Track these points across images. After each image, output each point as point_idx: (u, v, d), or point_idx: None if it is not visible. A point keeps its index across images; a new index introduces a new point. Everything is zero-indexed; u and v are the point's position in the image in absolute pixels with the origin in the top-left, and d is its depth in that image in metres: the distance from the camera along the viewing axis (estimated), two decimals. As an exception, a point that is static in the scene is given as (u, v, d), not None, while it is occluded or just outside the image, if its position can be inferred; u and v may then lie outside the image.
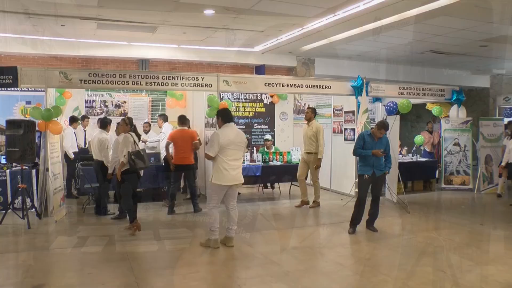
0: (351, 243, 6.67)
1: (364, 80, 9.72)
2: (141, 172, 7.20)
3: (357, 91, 9.82)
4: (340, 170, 10.53)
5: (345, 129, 10.44)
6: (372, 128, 7.27)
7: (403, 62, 14.41)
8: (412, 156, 11.32)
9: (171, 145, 8.58)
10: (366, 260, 5.85)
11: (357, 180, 9.35)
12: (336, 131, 10.81)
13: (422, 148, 12.11)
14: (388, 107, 10.34)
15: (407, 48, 12.09)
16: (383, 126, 6.99)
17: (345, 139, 10.40)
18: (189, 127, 9.01)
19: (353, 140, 9.62)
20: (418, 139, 11.83)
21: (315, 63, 14.34)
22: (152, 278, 5.06)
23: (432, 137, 12.17)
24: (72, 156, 9.42)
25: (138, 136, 7.36)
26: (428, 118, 13.78)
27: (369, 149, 6.86)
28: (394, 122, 9.30)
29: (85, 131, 10.16)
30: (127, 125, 7.20)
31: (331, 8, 8.88)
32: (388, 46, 11.99)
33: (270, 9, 8.97)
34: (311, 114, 9.08)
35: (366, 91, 9.70)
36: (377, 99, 11.44)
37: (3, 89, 9.13)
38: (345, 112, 10.48)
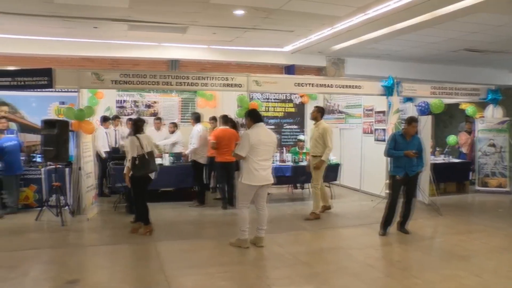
0: (381, 244, 6.58)
1: (395, 80, 9.57)
2: (152, 175, 7.02)
3: (388, 91, 9.69)
4: (370, 171, 10.40)
5: (376, 129, 10.30)
6: (403, 128, 7.13)
7: (436, 61, 14.12)
8: (445, 157, 11.07)
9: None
10: (397, 262, 5.78)
11: (388, 181, 9.26)
12: (367, 132, 10.68)
13: (459, 149, 11.77)
14: (420, 107, 10.17)
15: (440, 46, 11.85)
16: (413, 119, 6.90)
17: (376, 140, 10.26)
18: (231, 127, 9.06)
19: (384, 140, 9.51)
20: (451, 139, 11.55)
21: (345, 63, 14.21)
22: (182, 276, 5.10)
23: (471, 137, 11.74)
24: (103, 155, 9.60)
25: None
26: (461, 118, 13.44)
27: (401, 150, 6.74)
28: (426, 123, 9.12)
29: (116, 130, 10.34)
30: (135, 126, 7.13)
31: (361, 7, 8.78)
32: (420, 44, 11.77)
33: (300, 8, 8.93)
34: (316, 113, 8.31)
35: (398, 91, 9.55)
36: (408, 99, 11.26)
37: (38, 90, 9.34)
38: (376, 112, 10.34)
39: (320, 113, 8.36)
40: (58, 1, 8.55)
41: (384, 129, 9.87)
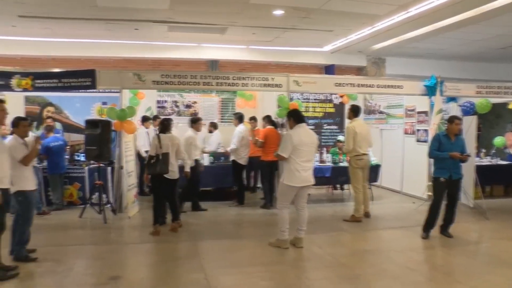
0: (423, 248, 6.41)
1: (438, 79, 9.32)
2: (170, 175, 7.00)
3: (430, 90, 9.42)
4: (412, 172, 10.16)
5: (418, 130, 10.07)
6: (446, 128, 6.90)
7: (481, 59, 13.67)
8: (491, 158, 10.68)
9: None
10: (440, 267, 5.63)
11: (430, 183, 9.02)
12: (408, 132, 10.45)
13: (507, 151, 11.31)
14: (465, 107, 9.84)
15: (486, 44, 11.46)
16: (455, 116, 6.76)
17: (418, 140, 10.03)
18: (276, 127, 9.13)
19: (426, 141, 9.30)
20: (498, 140, 11.12)
21: (386, 62, 14.00)
22: (222, 275, 5.12)
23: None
24: (144, 154, 9.76)
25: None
26: (509, 118, 12.93)
27: (445, 151, 6.54)
28: (471, 123, 8.84)
29: (155, 130, 10.47)
30: (161, 125, 7.24)
31: (403, 5, 8.62)
32: (465, 42, 11.44)
33: (340, 8, 8.86)
34: (349, 112, 8.33)
35: (441, 91, 9.29)
36: (451, 99, 10.92)
37: (82, 91, 9.60)
38: (418, 112, 10.10)
39: (352, 112, 8.27)
40: (101, 5, 8.79)
41: (426, 130, 9.63)
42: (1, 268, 4.93)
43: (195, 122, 8.48)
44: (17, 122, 5.59)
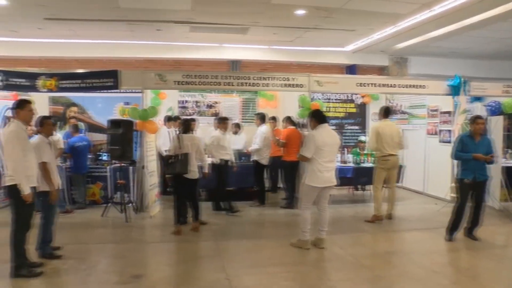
0: (448, 250, 6.31)
1: (463, 79, 9.16)
2: (190, 175, 7.01)
3: (454, 90, 9.28)
4: (435, 173, 10.01)
5: (441, 130, 9.91)
6: (470, 129, 6.76)
7: (508, 57, 13.35)
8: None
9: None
10: (465, 270, 5.52)
11: (453, 184, 8.87)
12: (431, 133, 10.30)
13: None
14: (490, 107, 9.65)
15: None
16: (478, 116, 6.66)
17: (441, 141, 9.87)
18: (297, 127, 9.11)
19: (450, 142, 9.14)
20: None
21: (408, 62, 13.83)
22: (243, 275, 5.13)
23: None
24: (164, 153, 9.78)
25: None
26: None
27: (469, 152, 6.41)
28: (496, 123, 8.66)
29: (176, 131, 10.52)
30: (183, 126, 7.28)
31: (426, 3, 8.49)
32: (491, 40, 11.19)
33: (362, 7, 8.77)
34: (379, 113, 8.50)
35: (465, 90, 9.13)
36: (476, 99, 10.71)
37: (104, 91, 9.72)
38: (441, 112, 9.94)
39: (380, 113, 8.37)
40: (124, 6, 8.88)
41: (450, 130, 9.48)
42: (28, 265, 5.02)
43: (222, 121, 8.42)
44: (42, 121, 5.69)
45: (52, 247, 5.74)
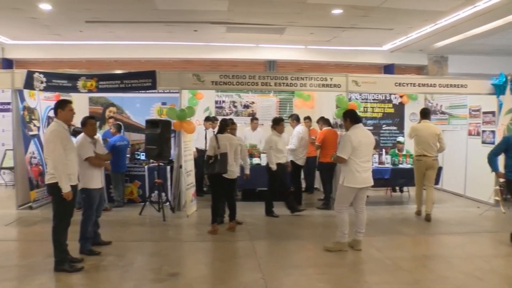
0: (492, 256, 6.03)
1: (509, 78, 8.84)
2: (228, 175, 7.01)
3: (498, 89, 8.97)
4: (476, 175, 9.66)
5: (483, 131, 9.59)
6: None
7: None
8: None
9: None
10: None
11: (497, 187, 8.60)
12: (473, 134, 9.99)
13: None
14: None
15: None
16: None
17: (483, 142, 9.56)
18: (333, 127, 9.09)
19: (493, 143, 8.83)
20: None
21: (448, 61, 13.50)
22: (279, 276, 5.11)
23: None
24: (193, 149, 9.76)
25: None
26: None
27: None
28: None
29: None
30: (219, 126, 7.29)
31: (469, -1, 8.26)
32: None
33: (400, 5, 8.64)
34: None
35: (511, 89, 8.81)
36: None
37: (142, 91, 9.88)
38: (484, 113, 9.63)
39: (420, 114, 8.47)
40: (162, 8, 9.02)
41: (493, 131, 9.17)
42: (69, 260, 5.17)
43: (277, 123, 8.19)
44: (85, 121, 5.93)
45: (103, 242, 6.05)
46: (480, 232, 6.90)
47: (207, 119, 10.12)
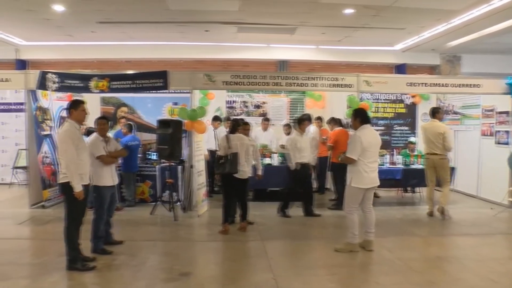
0: (508, 258, 5.96)
1: (526, 77, 8.74)
2: (240, 175, 7.01)
3: (514, 89, 8.86)
4: (490, 176, 9.56)
5: (497, 131, 9.48)
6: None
7: None
8: None
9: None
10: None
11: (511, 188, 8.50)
12: (486, 134, 9.87)
13: None
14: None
15: None
16: None
17: (497, 143, 9.44)
18: (344, 127, 9.02)
19: (507, 143, 8.75)
20: None
21: (461, 60, 13.37)
22: (290, 276, 5.09)
23: None
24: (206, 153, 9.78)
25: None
26: None
27: None
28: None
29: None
30: (231, 126, 7.31)
31: (484, -3, 8.15)
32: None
33: (412, 4, 8.57)
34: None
35: (526, 88, 8.70)
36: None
37: (153, 91, 9.92)
38: (498, 113, 9.51)
39: (431, 112, 8.50)
40: (173, 8, 9.05)
41: (507, 131, 9.07)
42: (81, 259, 5.21)
43: (301, 122, 8.06)
44: (96, 121, 6.09)
45: (116, 241, 6.10)
46: (494, 234, 6.81)
47: (215, 118, 10.12)
